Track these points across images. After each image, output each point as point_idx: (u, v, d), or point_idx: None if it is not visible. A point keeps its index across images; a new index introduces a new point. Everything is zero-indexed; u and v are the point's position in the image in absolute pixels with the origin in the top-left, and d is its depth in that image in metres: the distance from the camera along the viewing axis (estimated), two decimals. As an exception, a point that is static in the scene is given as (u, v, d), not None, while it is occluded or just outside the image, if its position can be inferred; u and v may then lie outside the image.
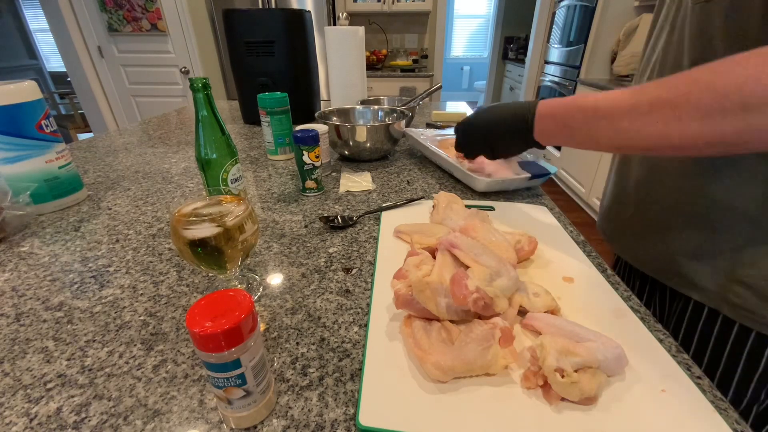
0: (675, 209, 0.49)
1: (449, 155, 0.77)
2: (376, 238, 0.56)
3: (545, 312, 0.39)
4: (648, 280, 0.60)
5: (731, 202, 0.43)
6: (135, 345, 0.37)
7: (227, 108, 1.51)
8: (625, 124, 0.38)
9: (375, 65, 3.23)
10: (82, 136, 3.16)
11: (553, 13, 3.25)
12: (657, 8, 0.54)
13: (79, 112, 3.09)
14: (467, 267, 0.39)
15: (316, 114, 0.88)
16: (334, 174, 0.81)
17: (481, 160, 0.67)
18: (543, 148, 0.54)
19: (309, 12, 1.14)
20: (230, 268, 0.41)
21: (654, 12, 0.55)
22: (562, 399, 0.30)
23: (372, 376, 0.33)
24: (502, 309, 0.36)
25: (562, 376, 0.29)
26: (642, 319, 0.40)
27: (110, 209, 0.66)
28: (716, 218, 0.44)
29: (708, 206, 0.45)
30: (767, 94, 0.28)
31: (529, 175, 0.68)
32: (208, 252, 0.37)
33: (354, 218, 0.61)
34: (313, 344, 0.37)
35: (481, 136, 0.60)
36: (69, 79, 2.73)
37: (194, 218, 0.37)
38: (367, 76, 2.21)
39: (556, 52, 3.20)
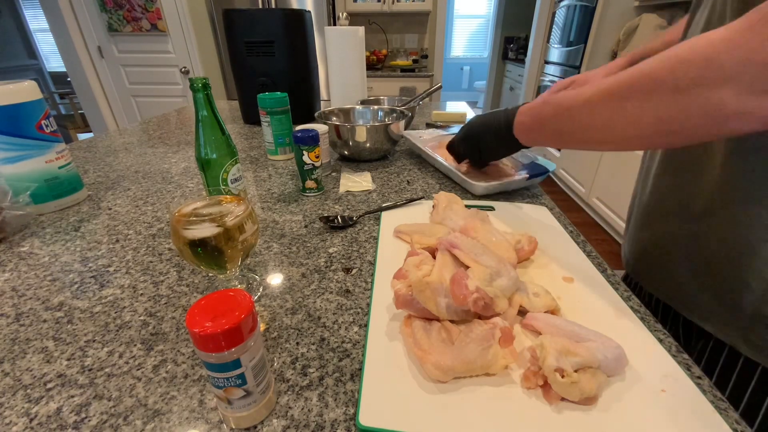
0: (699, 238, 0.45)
1: (447, 158, 0.77)
2: (376, 238, 0.56)
3: (545, 312, 0.39)
4: (670, 310, 0.56)
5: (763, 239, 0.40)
6: (135, 345, 0.37)
7: (227, 108, 1.51)
8: (581, 115, 0.41)
9: (375, 65, 3.23)
10: (82, 136, 3.16)
11: (553, 13, 3.25)
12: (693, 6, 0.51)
13: (79, 112, 3.09)
14: (467, 267, 0.39)
15: (316, 114, 0.88)
16: (334, 174, 0.81)
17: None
18: (528, 148, 0.57)
19: (309, 12, 1.14)
20: (230, 268, 0.41)
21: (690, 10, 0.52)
22: (562, 399, 0.30)
23: (372, 376, 0.33)
24: (502, 309, 0.36)
25: (562, 376, 0.29)
26: (642, 319, 0.40)
27: (110, 209, 0.66)
28: (747, 255, 0.41)
29: (744, 243, 0.42)
30: (696, 75, 0.30)
31: (527, 175, 0.68)
32: (208, 252, 0.37)
33: (354, 218, 0.61)
34: (313, 344, 0.37)
35: (472, 141, 0.65)
36: (69, 79, 2.73)
37: (194, 218, 0.37)
38: (367, 76, 2.21)
39: (556, 52, 3.20)
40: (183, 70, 2.65)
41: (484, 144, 0.63)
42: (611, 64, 0.72)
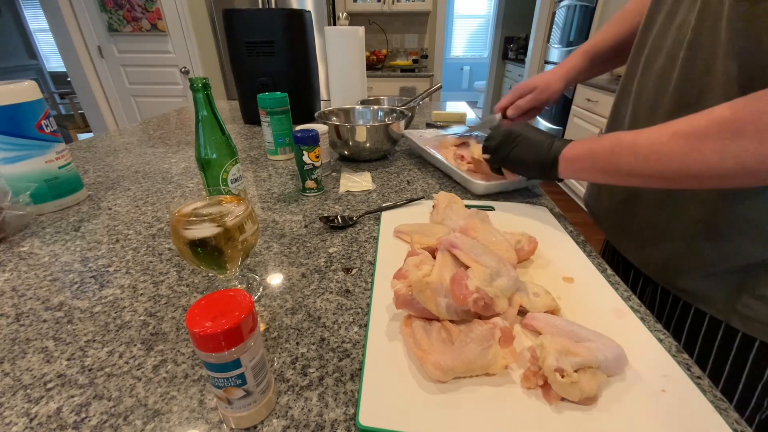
0: (683, 215, 0.48)
1: (447, 158, 0.77)
2: (376, 238, 0.56)
3: (545, 312, 0.39)
4: (641, 274, 0.59)
5: (744, 212, 0.42)
6: (135, 345, 0.37)
7: (227, 108, 1.51)
8: (646, 151, 0.41)
9: (375, 65, 3.23)
10: (82, 136, 3.16)
11: (553, 13, 3.25)
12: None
13: (79, 112, 3.08)
14: (467, 267, 0.39)
15: (316, 114, 0.88)
16: (334, 174, 0.81)
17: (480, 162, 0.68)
18: (561, 181, 0.57)
19: (309, 12, 1.14)
20: (230, 268, 0.41)
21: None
22: (562, 399, 0.30)
23: (372, 376, 0.33)
24: (502, 309, 0.36)
25: (562, 376, 0.29)
26: (642, 319, 0.40)
27: (110, 209, 0.66)
28: (727, 227, 0.44)
29: (720, 215, 0.44)
30: None
31: (528, 175, 0.68)
32: (208, 252, 0.37)
33: (354, 218, 0.61)
34: (313, 344, 0.37)
35: (506, 164, 0.62)
36: (69, 79, 2.73)
37: (194, 218, 0.37)
38: (367, 76, 2.21)
39: (556, 52, 3.20)
40: (183, 70, 2.65)
41: (517, 158, 0.59)
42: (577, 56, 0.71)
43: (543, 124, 3.26)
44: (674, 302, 0.53)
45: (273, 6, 2.37)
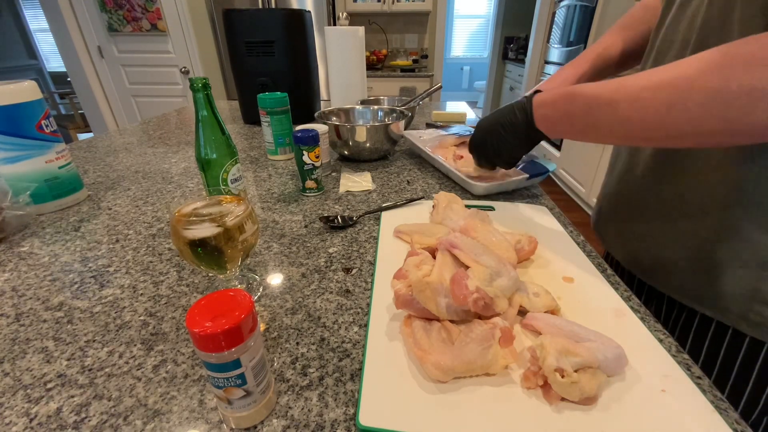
0: (695, 212, 0.45)
1: (446, 159, 0.77)
2: (376, 238, 0.56)
3: (545, 312, 0.39)
4: (644, 285, 0.58)
5: (758, 213, 0.40)
6: (135, 345, 0.37)
7: (227, 108, 1.51)
8: (626, 110, 0.38)
9: (375, 65, 3.23)
10: (82, 136, 3.16)
11: (553, 13, 3.25)
12: None
13: (79, 112, 3.09)
14: (467, 267, 0.39)
15: (316, 114, 0.88)
16: (334, 174, 0.81)
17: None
18: (550, 141, 0.54)
19: (309, 12, 1.14)
20: (230, 268, 0.41)
21: None
22: (562, 399, 0.30)
23: (372, 376, 0.33)
24: (502, 309, 0.36)
25: (562, 376, 0.29)
26: (642, 319, 0.40)
27: (110, 209, 0.66)
28: (742, 230, 0.42)
29: (737, 216, 0.42)
30: None
31: (527, 175, 0.68)
32: (208, 252, 0.37)
33: (354, 218, 0.61)
34: (313, 344, 0.37)
35: (487, 139, 0.58)
36: (69, 79, 2.73)
37: (194, 218, 0.37)
38: (367, 76, 2.21)
39: (556, 52, 3.20)
40: (183, 70, 2.65)
41: (506, 146, 0.57)
42: (581, 59, 0.68)
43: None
44: (680, 308, 0.52)
45: (273, 6, 2.38)
